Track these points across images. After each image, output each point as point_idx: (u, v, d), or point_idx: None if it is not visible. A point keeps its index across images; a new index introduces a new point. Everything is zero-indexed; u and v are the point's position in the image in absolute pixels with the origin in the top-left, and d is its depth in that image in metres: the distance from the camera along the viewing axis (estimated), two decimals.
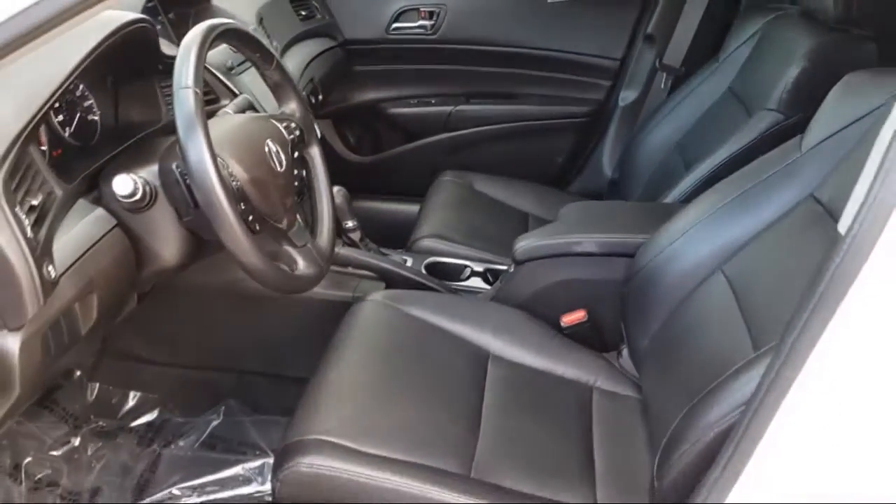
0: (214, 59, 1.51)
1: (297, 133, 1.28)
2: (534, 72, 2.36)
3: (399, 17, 2.34)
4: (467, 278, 1.71)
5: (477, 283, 1.70)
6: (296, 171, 1.26)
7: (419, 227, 1.87)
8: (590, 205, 1.86)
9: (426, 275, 1.65)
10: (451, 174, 2.14)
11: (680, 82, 2.11)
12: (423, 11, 2.33)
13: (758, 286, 1.12)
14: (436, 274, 1.68)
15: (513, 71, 2.37)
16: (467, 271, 1.72)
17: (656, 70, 2.26)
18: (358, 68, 2.39)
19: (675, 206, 1.53)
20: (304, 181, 1.33)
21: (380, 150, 2.50)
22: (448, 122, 2.39)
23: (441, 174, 2.15)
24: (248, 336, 1.64)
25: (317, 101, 1.97)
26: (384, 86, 2.42)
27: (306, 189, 1.34)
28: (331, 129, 2.42)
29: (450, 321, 1.39)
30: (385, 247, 1.77)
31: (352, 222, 1.64)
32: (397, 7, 2.33)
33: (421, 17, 2.34)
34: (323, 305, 1.54)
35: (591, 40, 2.30)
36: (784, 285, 1.03)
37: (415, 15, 2.34)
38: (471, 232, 1.85)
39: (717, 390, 0.95)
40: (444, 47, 2.34)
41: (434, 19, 2.33)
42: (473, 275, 1.72)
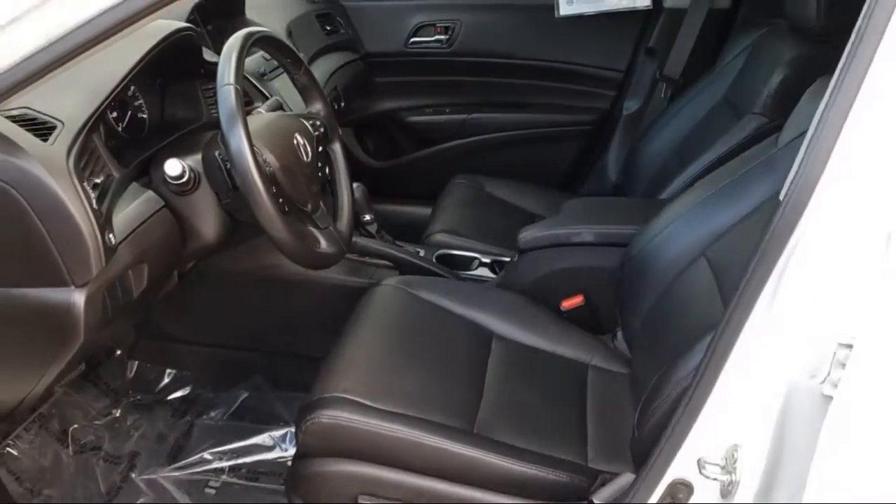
0: (249, 66, 1.65)
1: (321, 130, 1.42)
2: (542, 82, 2.46)
3: (417, 32, 2.46)
4: (476, 268, 1.82)
5: (484, 272, 1.81)
6: (319, 164, 1.39)
7: (432, 224, 1.98)
8: (589, 200, 1.97)
9: (437, 264, 1.77)
10: (464, 178, 2.22)
11: (679, 92, 2.18)
12: (439, 27, 2.45)
13: (735, 267, 1.22)
14: (446, 264, 1.79)
15: (523, 82, 2.47)
16: (476, 262, 1.83)
17: (657, 81, 2.35)
18: (378, 79, 2.51)
19: (666, 201, 1.62)
20: (327, 175, 1.46)
21: (397, 156, 2.60)
22: (462, 130, 2.49)
23: (454, 178, 2.24)
24: (273, 319, 1.76)
25: (339, 108, 2.09)
26: (402, 96, 2.53)
27: (328, 182, 1.47)
28: (351, 136, 2.53)
29: (457, 304, 1.50)
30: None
31: (369, 216, 1.77)
32: (415, 23, 2.45)
33: (437, 32, 2.46)
34: (342, 290, 1.66)
35: (597, 53, 2.41)
36: None
37: (431, 30, 2.46)
38: (480, 228, 1.95)
39: (688, 352, 1.06)
40: (458, 60, 2.46)
41: (449, 34, 2.44)
42: (481, 265, 1.83)
